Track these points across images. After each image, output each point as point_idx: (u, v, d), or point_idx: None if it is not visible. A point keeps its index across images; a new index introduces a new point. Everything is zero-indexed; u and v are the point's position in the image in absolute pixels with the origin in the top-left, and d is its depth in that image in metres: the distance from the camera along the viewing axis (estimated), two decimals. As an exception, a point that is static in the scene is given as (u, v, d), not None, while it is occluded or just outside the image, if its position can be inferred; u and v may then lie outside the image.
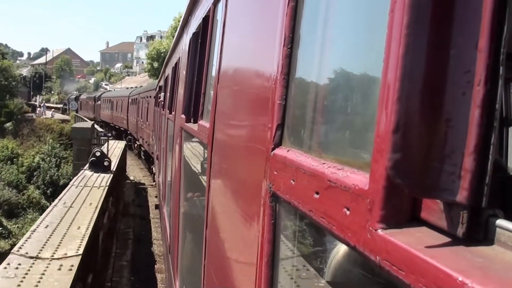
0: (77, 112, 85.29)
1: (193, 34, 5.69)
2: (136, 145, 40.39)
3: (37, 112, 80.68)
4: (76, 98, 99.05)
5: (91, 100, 79.34)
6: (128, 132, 45.24)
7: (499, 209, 0.90)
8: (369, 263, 1.10)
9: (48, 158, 48.72)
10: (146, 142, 30.30)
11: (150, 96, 27.23)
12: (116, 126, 53.46)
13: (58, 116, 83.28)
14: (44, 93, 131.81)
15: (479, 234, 0.90)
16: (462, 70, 0.89)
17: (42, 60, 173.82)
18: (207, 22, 4.67)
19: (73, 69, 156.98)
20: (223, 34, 3.37)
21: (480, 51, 0.86)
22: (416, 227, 1.00)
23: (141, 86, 49.73)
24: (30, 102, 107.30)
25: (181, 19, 7.86)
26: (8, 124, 68.38)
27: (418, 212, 1.02)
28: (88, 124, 36.84)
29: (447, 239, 0.93)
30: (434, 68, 0.92)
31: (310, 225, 1.64)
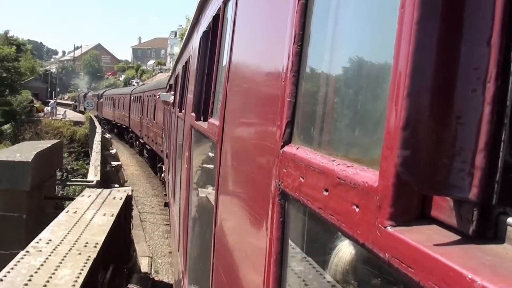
0: (96, 111, 72.69)
1: (203, 32, 5.70)
2: (138, 143, 40.69)
3: (45, 111, 69.59)
4: (85, 96, 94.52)
5: (95, 97, 78.29)
6: (130, 129, 45.46)
7: (510, 207, 0.89)
8: (378, 261, 1.09)
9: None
10: (153, 140, 30.24)
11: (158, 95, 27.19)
12: (118, 124, 53.80)
13: (74, 115, 71.67)
14: (70, 90, 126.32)
15: (489, 232, 0.89)
16: (472, 67, 0.89)
17: (72, 56, 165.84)
18: (217, 21, 4.67)
19: (102, 65, 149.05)
20: (233, 33, 3.37)
21: (491, 47, 0.85)
22: (426, 225, 1.00)
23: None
24: (48, 100, 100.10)
25: (191, 18, 7.87)
26: (6, 127, 54.98)
27: (427, 210, 1.01)
28: (39, 147, 11.84)
29: (457, 237, 0.92)
30: (444, 64, 0.91)
31: (319, 223, 1.63)
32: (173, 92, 15.23)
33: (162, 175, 23.35)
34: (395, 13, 1.03)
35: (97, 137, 28.11)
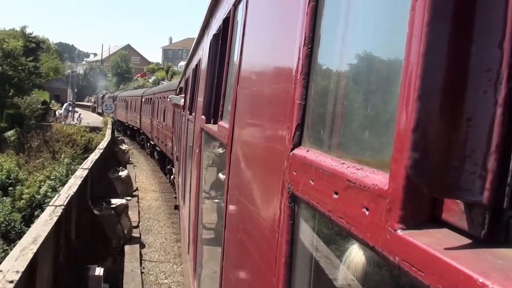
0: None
1: (214, 35, 5.71)
2: (148, 144, 40.51)
3: (57, 115, 59.42)
4: (103, 97, 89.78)
5: (111, 99, 74.43)
6: (141, 131, 45.46)
7: None
8: (388, 265, 1.09)
9: (61, 188, 24.87)
10: (162, 142, 30.28)
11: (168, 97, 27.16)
12: (130, 126, 53.84)
13: (93, 119, 65.24)
14: (97, 92, 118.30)
15: (500, 235, 0.88)
16: (483, 69, 0.88)
17: (101, 58, 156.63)
18: (228, 24, 4.68)
19: (131, 66, 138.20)
20: (243, 35, 3.37)
21: (503, 49, 0.85)
22: (436, 228, 0.99)
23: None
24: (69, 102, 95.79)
25: (202, 20, 7.88)
26: (10, 133, 46.41)
27: (438, 213, 1.01)
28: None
29: (467, 240, 0.92)
30: (455, 66, 0.91)
31: (329, 226, 1.63)
32: (183, 95, 15.27)
33: (172, 177, 23.27)
34: (405, 15, 1.03)
35: (93, 156, 21.05)
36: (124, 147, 35.46)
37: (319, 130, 1.87)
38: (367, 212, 1.19)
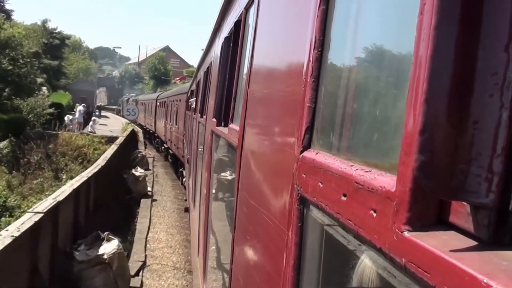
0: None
1: (225, 38, 5.73)
2: (163, 148, 40.30)
3: (66, 122, 46.72)
4: (128, 101, 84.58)
5: (135, 102, 72.36)
6: (156, 134, 45.36)
7: None
8: (395, 267, 1.10)
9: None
10: (175, 145, 30.29)
11: (180, 100, 27.14)
12: (147, 129, 53.55)
13: (118, 123, 54.51)
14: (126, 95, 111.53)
15: (505, 237, 0.89)
16: (490, 72, 0.89)
17: (138, 60, 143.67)
18: (239, 27, 4.70)
19: (169, 68, 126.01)
20: (254, 38, 3.39)
21: (509, 53, 0.86)
22: (443, 230, 1.00)
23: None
24: (99, 106, 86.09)
25: (214, 23, 7.91)
26: (3, 144, 34.41)
27: (444, 215, 1.01)
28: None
29: (473, 242, 0.92)
30: (462, 69, 0.92)
31: (337, 228, 1.64)
32: (194, 98, 15.30)
33: (184, 179, 23.29)
34: (414, 19, 1.04)
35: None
36: (138, 172, 23.86)
37: (328, 132, 1.87)
38: (374, 214, 1.20)
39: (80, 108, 51.71)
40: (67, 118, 48.42)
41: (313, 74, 1.86)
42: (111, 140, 36.36)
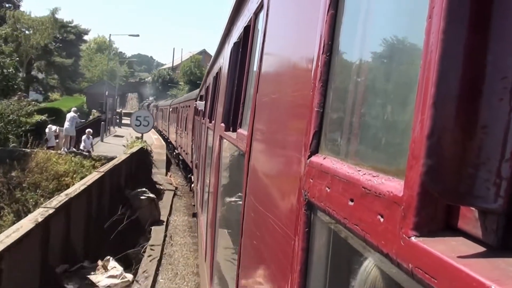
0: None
1: (234, 43, 5.74)
2: (175, 153, 39.81)
3: (47, 134, 33.64)
4: (148, 106, 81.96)
5: (155, 108, 72.05)
6: (169, 140, 45.31)
7: None
8: (402, 272, 1.09)
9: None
10: (184, 151, 30.22)
11: (189, 106, 27.10)
12: (163, 135, 53.63)
13: (135, 134, 33.35)
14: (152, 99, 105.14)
15: (514, 243, 0.88)
16: (499, 76, 0.88)
17: (172, 64, 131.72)
18: (248, 32, 4.71)
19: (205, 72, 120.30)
20: (263, 43, 3.39)
21: (519, 57, 0.85)
22: (451, 235, 0.99)
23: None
24: (119, 111, 76.65)
25: (223, 28, 7.92)
26: None
27: (452, 220, 1.00)
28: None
29: (481, 248, 0.91)
30: (471, 73, 0.91)
31: (344, 233, 1.63)
32: (203, 102, 15.34)
33: (192, 185, 23.25)
34: (423, 23, 1.03)
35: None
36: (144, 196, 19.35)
37: (336, 137, 1.87)
38: (382, 219, 1.19)
39: (71, 115, 32.61)
40: (49, 129, 34.03)
41: (322, 78, 1.86)
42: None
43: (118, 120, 69.26)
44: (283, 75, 2.81)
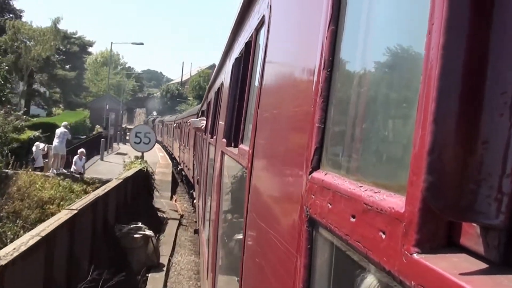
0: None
1: (236, 59, 5.76)
2: (179, 168, 39.38)
3: (34, 153, 30.34)
4: (154, 121, 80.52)
5: (160, 123, 71.24)
6: (173, 156, 45.30)
7: None
8: None
9: None
10: (186, 166, 30.09)
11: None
12: (168, 151, 53.48)
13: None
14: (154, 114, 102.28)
15: (516, 259, 0.87)
16: (499, 91, 0.88)
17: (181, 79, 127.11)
18: (250, 47, 4.72)
19: None
20: (264, 59, 3.40)
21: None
22: (453, 252, 0.98)
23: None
24: (123, 126, 75.64)
25: (225, 44, 7.95)
26: None
27: (454, 237, 1.00)
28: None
29: (483, 265, 0.91)
30: (471, 89, 0.91)
31: (346, 250, 1.62)
32: (203, 118, 15.35)
33: (194, 201, 23.05)
34: (422, 39, 1.03)
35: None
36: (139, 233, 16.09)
37: (337, 153, 1.87)
38: (383, 236, 1.18)
39: (61, 130, 28.49)
40: (36, 147, 30.25)
41: (323, 94, 1.86)
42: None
43: (123, 136, 67.15)
44: (284, 91, 2.82)
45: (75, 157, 28.85)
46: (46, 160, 29.56)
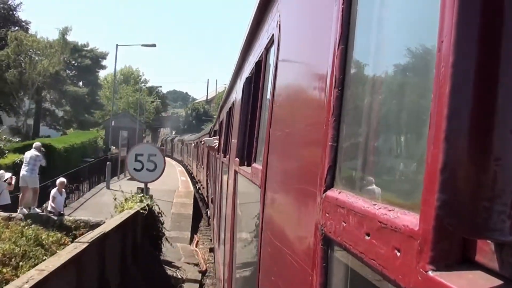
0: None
1: (246, 78, 5.78)
2: (197, 187, 38.92)
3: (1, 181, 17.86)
4: (172, 140, 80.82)
5: (180, 143, 69.67)
6: (193, 175, 45.35)
7: None
8: None
9: None
10: (201, 185, 30.15)
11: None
12: (189, 170, 53.12)
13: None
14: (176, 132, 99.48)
15: (531, 276, 0.87)
16: (510, 109, 0.88)
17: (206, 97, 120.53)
18: (260, 67, 4.74)
19: None
20: (275, 78, 3.41)
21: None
22: (468, 269, 0.98)
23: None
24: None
25: (235, 64, 7.99)
26: None
27: (469, 253, 1.00)
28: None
29: (498, 281, 0.91)
30: (482, 106, 0.91)
31: (362, 268, 1.62)
32: (216, 137, 15.37)
33: (209, 219, 22.95)
34: (433, 57, 1.04)
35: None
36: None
37: (351, 171, 1.87)
38: (398, 254, 1.18)
39: (30, 154, 18.94)
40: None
41: (334, 113, 1.86)
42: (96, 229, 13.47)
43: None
44: (296, 109, 2.83)
45: (53, 191, 19.76)
46: (21, 194, 19.10)
